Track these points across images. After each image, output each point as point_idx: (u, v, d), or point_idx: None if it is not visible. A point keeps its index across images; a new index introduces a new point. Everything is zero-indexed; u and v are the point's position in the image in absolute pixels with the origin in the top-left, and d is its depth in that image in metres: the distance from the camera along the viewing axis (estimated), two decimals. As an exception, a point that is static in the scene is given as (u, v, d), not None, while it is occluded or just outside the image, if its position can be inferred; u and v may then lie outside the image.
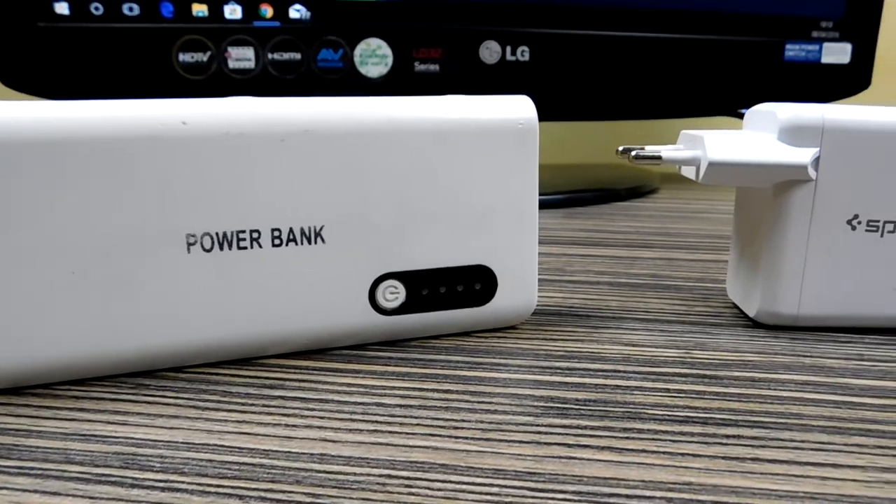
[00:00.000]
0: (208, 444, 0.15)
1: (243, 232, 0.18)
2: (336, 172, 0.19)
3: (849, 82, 0.49)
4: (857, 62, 0.48)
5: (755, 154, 0.21)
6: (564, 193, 0.44)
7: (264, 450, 0.15)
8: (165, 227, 0.18)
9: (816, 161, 0.21)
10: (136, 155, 0.17)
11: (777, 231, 0.21)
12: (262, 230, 0.18)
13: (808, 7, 0.46)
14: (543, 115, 0.47)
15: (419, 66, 0.41)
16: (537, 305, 0.24)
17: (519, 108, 0.20)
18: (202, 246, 0.18)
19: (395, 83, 0.41)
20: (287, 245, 0.19)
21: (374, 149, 0.19)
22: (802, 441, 0.16)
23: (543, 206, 0.43)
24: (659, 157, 0.22)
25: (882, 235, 0.21)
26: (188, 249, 0.18)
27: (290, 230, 0.19)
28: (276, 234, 0.19)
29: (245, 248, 0.18)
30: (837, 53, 0.48)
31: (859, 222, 0.21)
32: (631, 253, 0.32)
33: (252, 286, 0.19)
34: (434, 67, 0.42)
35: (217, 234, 0.18)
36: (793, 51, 0.47)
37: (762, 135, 0.22)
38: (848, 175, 0.21)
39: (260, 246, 0.19)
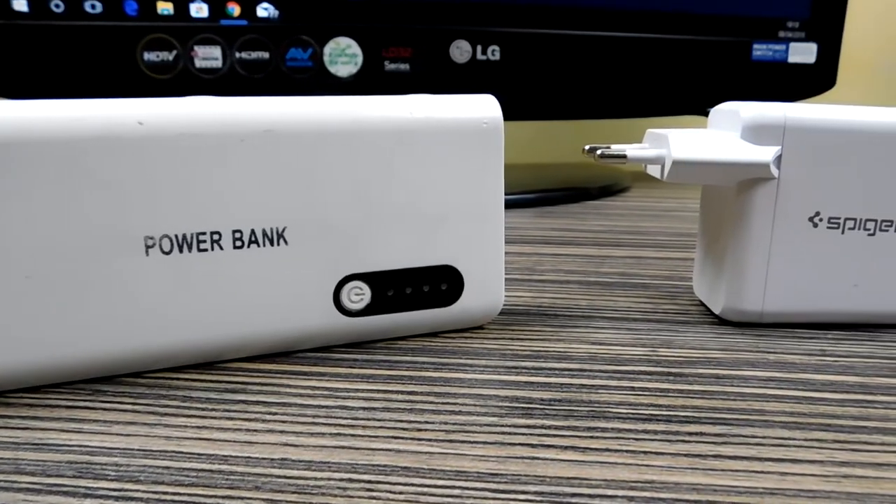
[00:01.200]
0: (166, 451, 0.15)
1: (203, 234, 0.18)
2: (298, 173, 0.18)
3: (815, 81, 0.49)
4: (822, 62, 0.49)
5: (718, 153, 0.21)
6: (536, 193, 0.44)
7: (223, 455, 0.15)
8: (122, 229, 0.17)
9: (778, 159, 0.21)
10: (90, 156, 0.17)
11: (741, 229, 0.22)
12: (222, 232, 0.18)
13: (774, 7, 0.47)
14: (514, 115, 0.48)
15: (389, 66, 0.41)
16: (505, 305, 0.24)
17: (483, 108, 0.20)
18: (161, 248, 0.18)
19: (365, 82, 0.41)
20: (249, 247, 0.19)
21: (336, 149, 0.19)
22: (763, 437, 0.16)
23: (515, 205, 0.43)
24: (624, 156, 0.22)
25: (843, 232, 0.22)
26: (146, 252, 0.18)
27: (252, 232, 0.18)
28: (238, 235, 0.18)
29: (205, 250, 0.18)
30: (803, 53, 0.49)
31: (821, 219, 0.22)
32: (601, 252, 0.32)
33: (213, 289, 0.18)
34: (404, 67, 0.41)
35: (176, 236, 0.18)
36: (760, 50, 0.48)
37: (726, 133, 0.22)
38: (809, 173, 0.21)
39: (221, 248, 0.18)
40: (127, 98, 0.17)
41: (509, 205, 0.43)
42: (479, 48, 0.42)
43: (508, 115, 0.48)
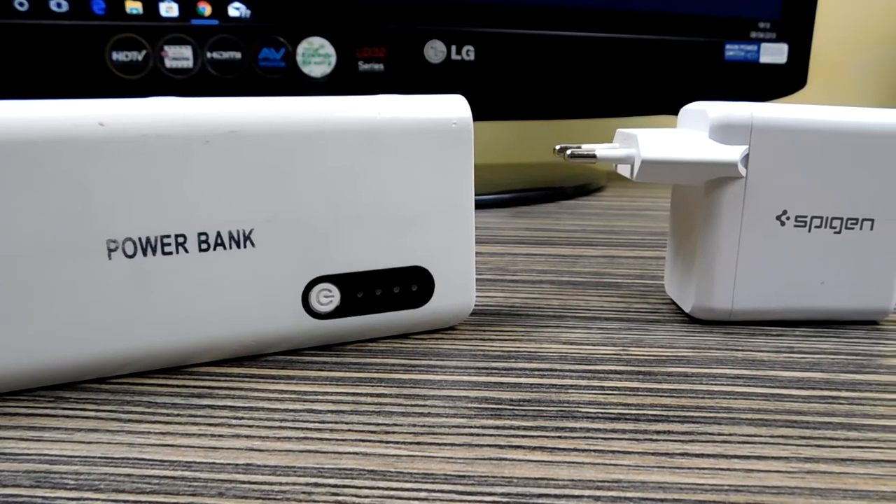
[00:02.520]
0: (128, 458, 0.15)
1: (168, 237, 0.18)
2: (265, 174, 0.18)
3: (786, 81, 0.50)
4: (793, 62, 0.49)
5: (687, 152, 0.21)
6: (511, 193, 0.44)
7: (187, 462, 0.15)
8: (84, 233, 0.17)
9: (746, 158, 0.21)
10: (49, 158, 0.16)
11: (710, 227, 0.22)
12: (187, 235, 0.18)
13: (746, 8, 0.48)
14: (489, 115, 0.48)
15: (363, 66, 0.41)
16: (478, 305, 0.24)
17: (453, 108, 0.20)
18: (124, 252, 0.17)
19: (339, 83, 0.41)
20: (215, 250, 0.18)
21: (303, 149, 0.18)
22: (730, 434, 0.16)
23: (490, 205, 0.43)
24: (594, 156, 0.22)
25: (810, 230, 0.22)
26: (109, 256, 0.17)
27: (218, 234, 0.18)
28: (203, 238, 0.18)
29: (170, 253, 0.18)
30: (775, 53, 0.49)
31: (788, 218, 0.22)
32: (574, 251, 0.32)
33: (178, 293, 0.18)
34: (378, 67, 0.41)
35: (140, 239, 0.17)
36: (732, 51, 0.48)
37: (694, 133, 0.22)
38: (776, 172, 0.21)
39: (186, 251, 0.18)
40: (94, 99, 0.17)
41: (484, 205, 0.43)
42: (453, 48, 0.42)
43: (483, 116, 0.48)
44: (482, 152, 0.64)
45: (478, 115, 0.47)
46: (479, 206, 0.43)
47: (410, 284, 0.21)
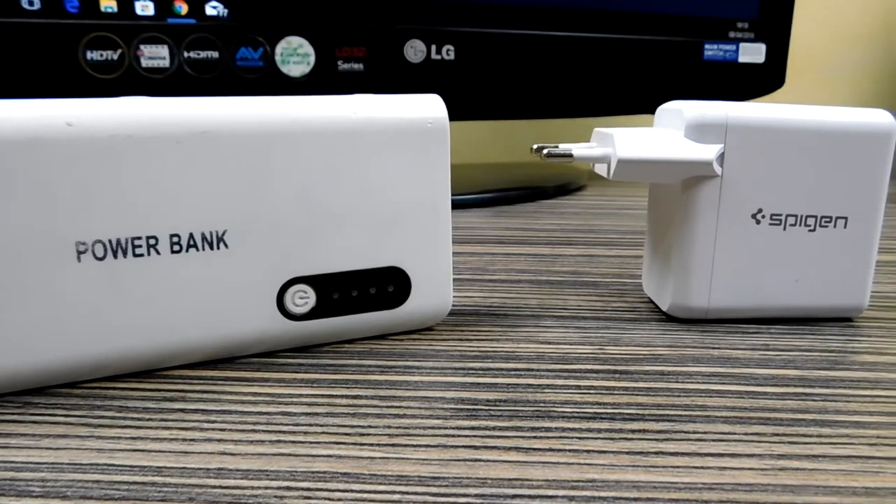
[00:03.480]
0: (97, 464, 0.15)
1: (139, 239, 0.17)
2: (238, 175, 0.18)
3: (764, 81, 0.50)
4: (771, 62, 0.50)
5: (663, 151, 0.21)
6: (491, 192, 0.44)
7: (157, 467, 0.14)
8: (52, 235, 0.17)
9: (721, 157, 0.21)
10: (15, 159, 0.16)
11: (686, 226, 0.22)
12: (159, 236, 0.18)
13: (724, 8, 0.48)
14: (470, 114, 0.48)
15: (343, 66, 0.41)
16: (456, 305, 0.24)
17: (428, 107, 0.20)
18: (94, 254, 0.17)
19: (319, 82, 0.40)
20: (187, 251, 0.18)
21: (276, 150, 0.18)
22: (705, 432, 0.16)
23: (470, 205, 0.43)
24: (570, 156, 0.22)
25: (784, 229, 0.22)
26: (78, 258, 0.17)
27: (191, 236, 0.18)
28: (176, 240, 0.18)
29: (141, 255, 0.18)
30: (753, 53, 0.50)
31: (763, 216, 0.22)
32: (553, 250, 0.32)
33: (150, 295, 0.18)
34: (358, 66, 0.41)
35: (110, 241, 0.17)
36: (711, 50, 0.49)
37: (671, 132, 0.22)
38: (751, 170, 0.22)
39: (158, 253, 0.18)
40: (62, 98, 0.17)
41: (465, 205, 0.43)
42: (433, 48, 0.42)
43: (464, 115, 0.48)
44: (463, 152, 0.64)
45: (458, 115, 0.47)
46: (460, 205, 0.43)
47: (387, 285, 0.20)
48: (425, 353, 0.20)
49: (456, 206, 0.42)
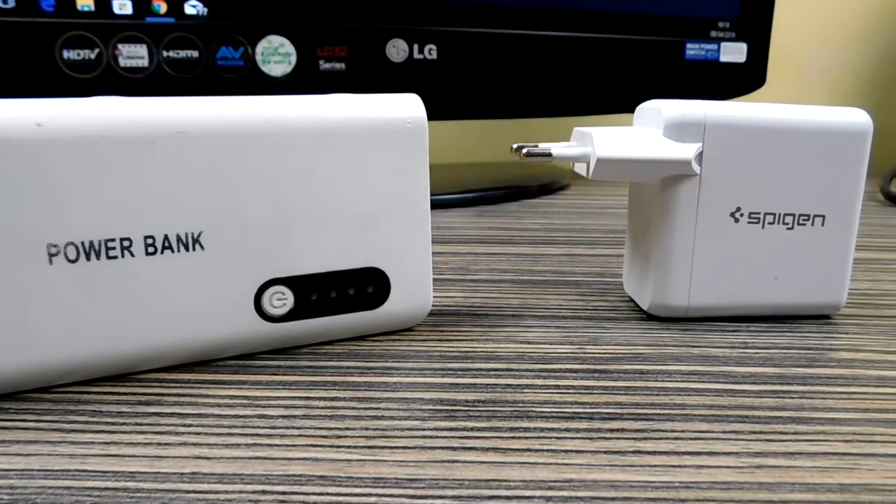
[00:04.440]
0: (68, 471, 0.14)
1: (112, 241, 0.17)
2: (213, 176, 0.18)
3: (746, 80, 0.51)
4: (752, 61, 0.50)
5: (641, 150, 0.21)
6: (475, 192, 0.44)
7: (130, 472, 0.14)
8: (22, 237, 0.16)
9: (700, 156, 0.21)
10: (-16, 160, 0.16)
11: (665, 225, 0.22)
12: (133, 238, 0.17)
13: (706, 8, 0.48)
14: (453, 114, 0.48)
15: (324, 65, 0.40)
16: (437, 306, 0.24)
17: (407, 107, 0.20)
18: (66, 257, 0.17)
19: (300, 82, 0.40)
20: (162, 253, 0.18)
21: (253, 150, 0.18)
22: (683, 431, 0.16)
23: (453, 205, 0.43)
24: (549, 155, 0.22)
25: (763, 227, 0.22)
26: (50, 261, 0.17)
27: (165, 237, 0.18)
28: (150, 241, 0.18)
29: (115, 257, 0.17)
30: (734, 52, 0.50)
31: (742, 215, 0.22)
32: (536, 250, 0.32)
33: (125, 298, 0.18)
34: (340, 66, 0.41)
35: (83, 243, 0.17)
36: (693, 50, 0.49)
37: (650, 131, 0.22)
38: (730, 169, 0.22)
39: (132, 255, 0.17)
40: (38, 98, 0.17)
41: (448, 204, 0.43)
42: (415, 47, 0.42)
43: (446, 115, 0.48)
44: (446, 151, 0.64)
45: (441, 115, 0.47)
46: (442, 205, 0.42)
47: (366, 286, 0.20)
48: (405, 354, 0.20)
49: (439, 205, 0.42)
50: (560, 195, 0.48)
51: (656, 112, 0.22)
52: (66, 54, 0.36)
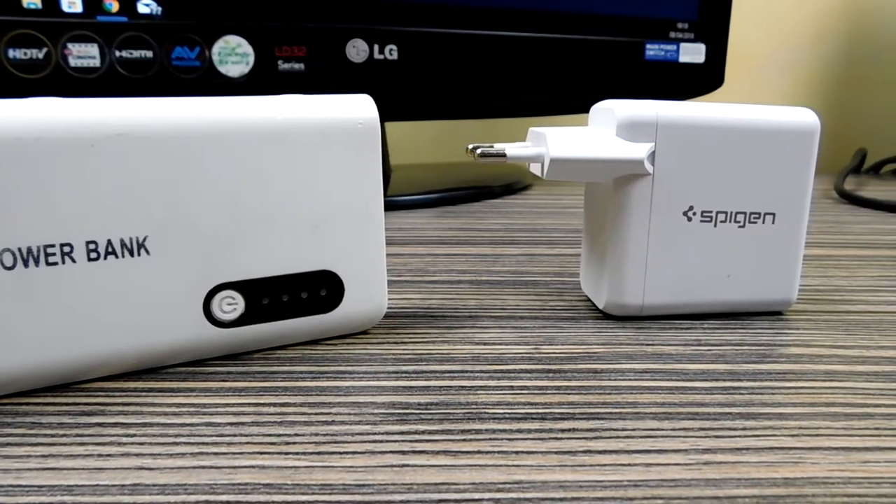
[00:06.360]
0: (1, 486, 0.14)
1: (52, 246, 0.17)
2: (157, 178, 0.17)
3: (705, 80, 0.52)
4: (710, 62, 0.51)
5: (594, 150, 0.21)
6: (437, 193, 0.44)
7: (68, 486, 0.14)
8: (-45, 243, 0.16)
9: (652, 155, 0.22)
10: (-89, 164, 0.15)
11: (619, 224, 0.22)
12: (74, 243, 0.17)
13: (665, 9, 0.49)
14: (414, 115, 0.47)
15: (283, 65, 0.40)
16: (393, 308, 0.24)
17: (359, 108, 0.20)
18: (2, 263, 0.16)
19: (259, 83, 0.40)
20: (105, 258, 0.17)
21: (199, 152, 0.18)
22: (634, 429, 0.16)
23: (415, 206, 0.43)
24: (504, 155, 0.22)
25: (715, 225, 0.23)
26: (-15, 268, 0.16)
27: (109, 242, 0.17)
28: (92, 247, 0.17)
29: (55, 263, 0.17)
30: (693, 53, 0.51)
31: (694, 213, 0.22)
32: (496, 250, 0.32)
33: (66, 306, 0.17)
34: (299, 66, 0.40)
35: (20, 249, 0.16)
36: (653, 50, 0.49)
37: (603, 131, 0.22)
38: (682, 168, 0.22)
39: (73, 261, 0.17)
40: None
41: (409, 206, 0.42)
42: (376, 47, 0.42)
43: (409, 115, 0.48)
44: (408, 152, 0.63)
45: (403, 115, 0.47)
46: (404, 206, 0.42)
47: (319, 289, 0.20)
48: (358, 358, 0.20)
49: (400, 206, 0.42)
50: (523, 195, 0.48)
51: (609, 112, 0.22)
52: (11, 53, 0.35)
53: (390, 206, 0.42)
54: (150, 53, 0.37)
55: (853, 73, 0.70)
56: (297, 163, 0.19)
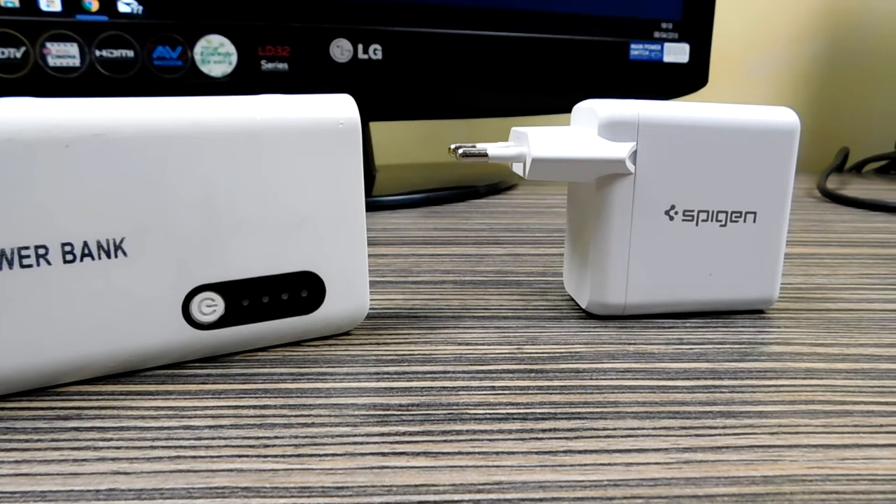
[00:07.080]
0: (-26, 492, 0.14)
1: (26, 248, 0.16)
2: (134, 180, 0.17)
3: (689, 80, 0.52)
4: (694, 61, 0.51)
5: (576, 150, 0.21)
6: (422, 193, 0.43)
7: (42, 491, 0.14)
8: (-74, 246, 0.15)
9: (634, 155, 0.22)
10: None
11: (601, 224, 0.22)
12: (49, 246, 0.17)
13: (649, 9, 0.49)
14: (399, 114, 0.47)
15: (266, 65, 0.40)
16: (376, 308, 0.24)
17: (340, 108, 0.20)
18: (-25, 266, 0.16)
19: (242, 83, 0.39)
20: (82, 261, 0.17)
21: (177, 152, 0.17)
22: (615, 429, 0.16)
23: (399, 206, 0.43)
24: (486, 155, 0.22)
25: (697, 224, 0.23)
26: (-43, 270, 0.16)
27: (85, 244, 0.17)
28: (68, 249, 0.17)
29: (30, 265, 0.17)
30: (677, 53, 0.51)
31: (676, 212, 0.22)
32: (480, 250, 0.32)
33: (42, 308, 0.17)
34: (282, 66, 0.40)
35: (-6, 251, 0.16)
36: (637, 50, 0.50)
37: (585, 130, 0.22)
38: (663, 168, 0.22)
39: (49, 263, 0.17)
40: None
41: (394, 206, 0.42)
42: (360, 47, 0.42)
43: (392, 115, 0.48)
44: (393, 152, 0.63)
45: (388, 115, 0.47)
46: (388, 206, 0.42)
47: (300, 290, 0.20)
48: (340, 359, 0.20)
49: (384, 207, 0.42)
50: (508, 195, 0.48)
51: (591, 112, 0.22)
52: (-11, 53, 0.34)
53: (374, 207, 0.42)
54: (131, 53, 0.37)
55: (836, 73, 0.71)
56: (277, 163, 0.19)
